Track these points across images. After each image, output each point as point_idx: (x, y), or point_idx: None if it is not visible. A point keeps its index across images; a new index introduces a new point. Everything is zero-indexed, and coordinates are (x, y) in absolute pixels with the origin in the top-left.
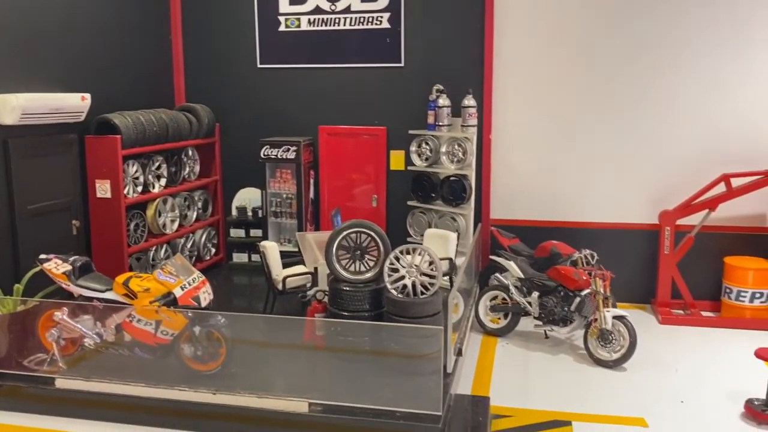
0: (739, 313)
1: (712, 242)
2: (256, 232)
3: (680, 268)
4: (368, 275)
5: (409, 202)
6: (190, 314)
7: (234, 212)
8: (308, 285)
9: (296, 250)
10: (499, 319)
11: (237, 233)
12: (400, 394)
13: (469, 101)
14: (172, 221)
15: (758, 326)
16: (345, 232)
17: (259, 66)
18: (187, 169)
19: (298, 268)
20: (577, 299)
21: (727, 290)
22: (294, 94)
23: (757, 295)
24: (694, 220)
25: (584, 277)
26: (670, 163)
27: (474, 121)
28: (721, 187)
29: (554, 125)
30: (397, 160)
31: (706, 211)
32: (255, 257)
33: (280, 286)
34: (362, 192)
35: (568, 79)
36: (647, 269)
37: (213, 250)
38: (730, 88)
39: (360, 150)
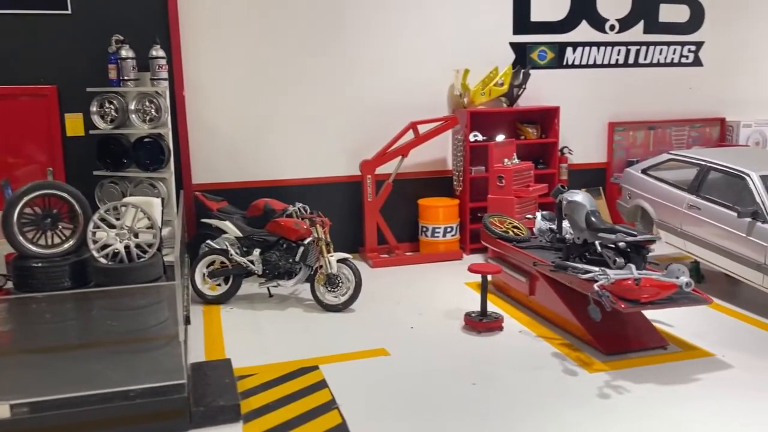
0: (435, 248)
1: (407, 187)
2: None
3: (383, 214)
4: (66, 246)
5: (96, 172)
6: None
7: None
8: None
9: None
10: (219, 285)
11: None
12: (130, 374)
13: (158, 52)
14: None
15: (452, 257)
16: (27, 197)
17: None
18: None
19: None
20: (301, 248)
21: (424, 229)
22: None
23: (449, 230)
24: (391, 168)
25: (305, 226)
26: (366, 116)
27: (165, 74)
28: (410, 135)
29: (251, 82)
30: (74, 124)
31: (400, 157)
32: None
33: None
34: (31, 165)
35: (262, 34)
36: (355, 220)
37: None
38: (410, 41)
39: (23, 114)
